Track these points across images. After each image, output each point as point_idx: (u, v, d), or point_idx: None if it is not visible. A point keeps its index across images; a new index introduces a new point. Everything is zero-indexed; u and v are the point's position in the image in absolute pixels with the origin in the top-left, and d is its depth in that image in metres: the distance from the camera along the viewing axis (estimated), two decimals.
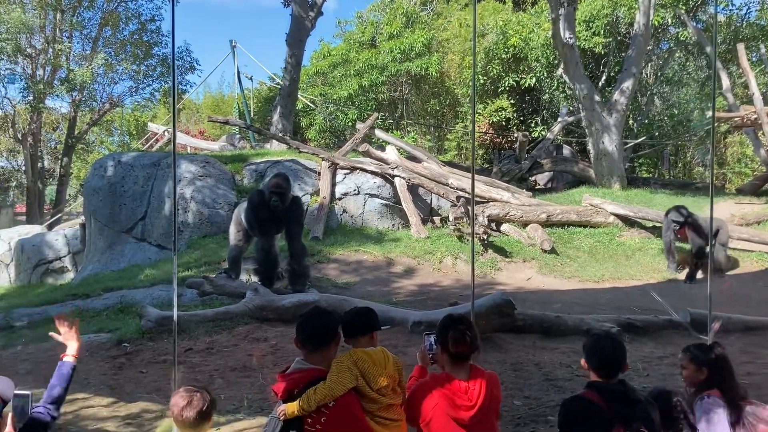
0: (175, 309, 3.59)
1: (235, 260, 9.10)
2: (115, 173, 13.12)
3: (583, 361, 3.02)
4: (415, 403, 3.02)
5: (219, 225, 12.02)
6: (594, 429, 2.81)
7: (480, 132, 21.01)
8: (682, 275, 10.29)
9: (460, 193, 12.10)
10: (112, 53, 25.51)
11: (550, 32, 15.83)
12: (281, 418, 2.85)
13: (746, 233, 11.01)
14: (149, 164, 13.13)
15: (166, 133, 18.89)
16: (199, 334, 7.02)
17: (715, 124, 17.36)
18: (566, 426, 2.90)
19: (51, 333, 3.19)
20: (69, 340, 3.13)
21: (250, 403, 5.23)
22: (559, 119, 18.92)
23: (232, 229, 9.32)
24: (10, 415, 2.66)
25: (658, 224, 11.64)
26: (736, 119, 14.28)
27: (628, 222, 12.08)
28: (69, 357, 3.07)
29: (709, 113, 15.20)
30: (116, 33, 25.84)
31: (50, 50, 24.63)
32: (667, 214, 10.57)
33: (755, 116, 13.51)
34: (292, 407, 2.83)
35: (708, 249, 9.99)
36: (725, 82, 15.57)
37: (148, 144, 25.48)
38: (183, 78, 25.98)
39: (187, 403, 2.76)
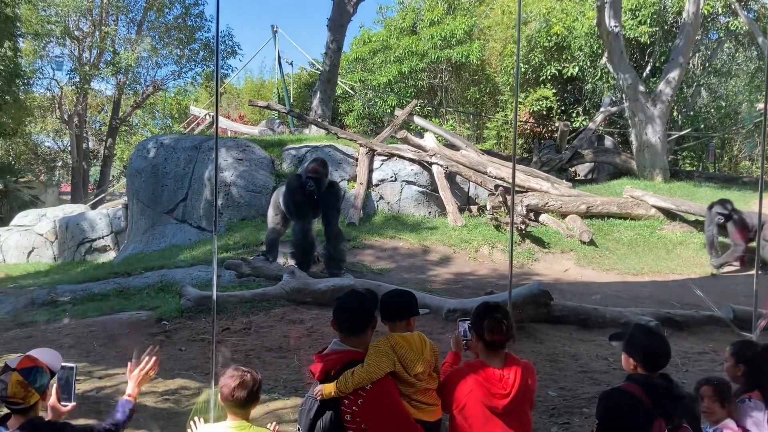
0: (214, 289, 3.64)
1: (273, 243, 9.20)
2: (157, 155, 13.36)
3: (625, 359, 2.96)
4: (449, 390, 3.02)
5: (258, 208, 12.15)
6: (635, 423, 2.77)
7: (521, 121, 20.76)
8: (724, 271, 10.07)
9: (499, 182, 12.00)
10: (157, 37, 25.90)
11: (595, 20, 15.51)
12: (318, 398, 2.88)
13: None
14: (190, 147, 13.32)
15: (207, 117, 19.14)
16: (237, 315, 7.14)
17: (766, 117, 16.85)
18: (606, 419, 2.85)
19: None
20: (134, 384, 2.91)
21: (285, 384, 5.30)
22: (602, 109, 18.57)
23: (270, 213, 9.42)
24: (54, 386, 2.73)
25: (700, 218, 11.37)
26: None
27: (670, 215, 11.83)
28: (128, 397, 2.88)
29: (760, 105, 14.75)
30: (161, 17, 26.21)
31: (96, 33, 25.12)
32: (710, 207, 10.35)
33: None
34: (329, 388, 2.85)
35: (755, 245, 9.83)
36: None
37: (190, 127, 25.85)
38: (224, 63, 26.31)
39: (239, 383, 2.80)
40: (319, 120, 15.69)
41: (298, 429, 2.98)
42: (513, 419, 2.99)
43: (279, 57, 23.06)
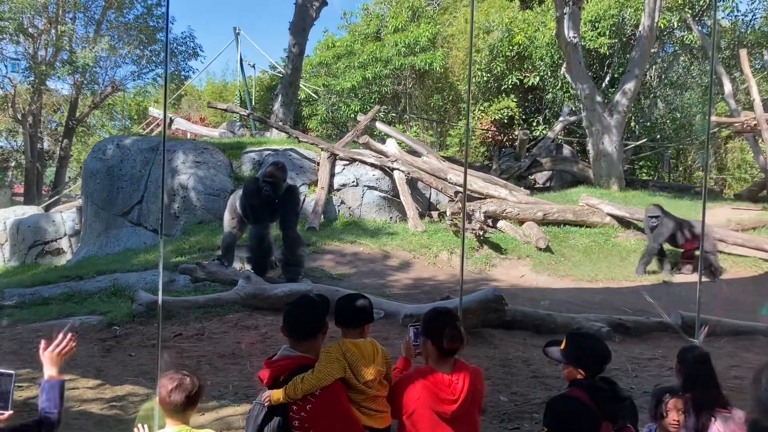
0: (160, 293, 3.57)
1: (229, 248, 9.09)
2: (113, 157, 13.11)
3: (566, 370, 3.00)
4: (398, 396, 3.01)
5: (215, 212, 12.00)
6: (583, 427, 2.80)
7: (482, 129, 20.97)
8: (675, 278, 10.32)
9: (459, 189, 12.09)
10: (116, 37, 25.44)
11: (555, 31, 15.78)
12: (266, 404, 2.84)
13: (741, 239, 11.01)
14: (147, 149, 13.11)
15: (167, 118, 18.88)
16: (190, 320, 7.02)
17: (716, 129, 17.37)
18: (555, 425, 2.88)
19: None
20: (49, 364, 2.69)
21: (236, 390, 5.24)
22: (561, 118, 18.88)
23: (227, 217, 9.31)
24: None
25: None
26: (736, 125, 14.27)
27: (624, 223, 12.07)
28: (49, 379, 2.66)
29: (713, 118, 15.19)
30: (120, 16, 25.76)
31: (53, 31, 24.55)
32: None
33: (755, 122, 13.50)
34: (277, 394, 2.82)
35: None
36: (728, 87, 15.54)
37: (149, 129, 25.45)
38: (185, 64, 26.00)
39: (176, 385, 2.74)
40: (280, 123, 15.60)
41: None
42: (461, 424, 3.00)
43: (241, 59, 22.89)
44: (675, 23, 19.39)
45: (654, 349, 6.77)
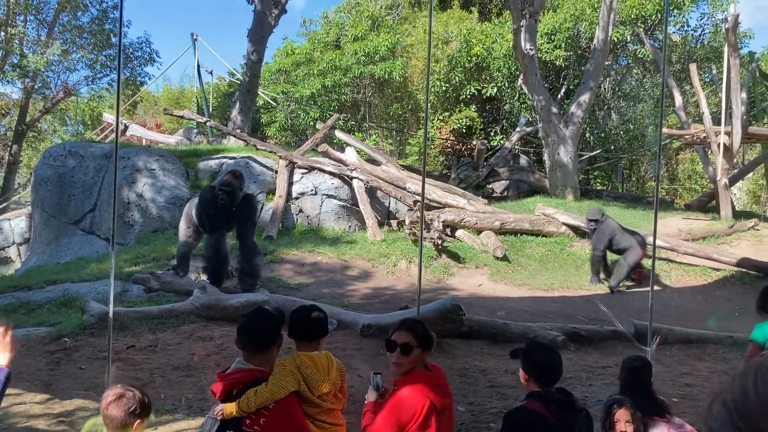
0: (111, 303, 3.48)
1: (184, 257, 8.94)
2: (65, 163, 12.78)
3: (522, 375, 3.02)
4: (405, 402, 2.85)
5: (170, 220, 11.81)
6: None
7: (441, 138, 21.13)
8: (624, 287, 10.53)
9: (418, 198, 12.13)
10: (69, 40, 24.84)
11: (512, 43, 16.02)
12: (218, 418, 2.81)
13: (691, 248, 11.31)
14: (101, 155, 12.82)
15: (121, 124, 18.49)
16: (143, 332, 6.87)
17: (667, 141, 17.85)
18: None
19: None
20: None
21: (189, 403, 5.13)
22: (518, 129, 19.15)
23: (182, 225, 9.16)
24: None
25: None
26: (686, 136, 14.68)
27: (579, 233, 12.28)
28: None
29: (664, 130, 15.61)
30: (74, 19, 25.17)
31: (2, 34, 23.86)
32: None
33: (704, 135, 13.91)
34: (230, 408, 2.79)
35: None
36: (678, 100, 15.99)
37: (103, 135, 24.89)
38: (141, 70, 25.49)
39: (114, 399, 2.68)
40: (238, 131, 15.45)
41: None
42: (449, 417, 2.99)
43: (198, 66, 22.58)
44: (628, 37, 19.90)
45: (608, 358, 6.88)
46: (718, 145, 13.43)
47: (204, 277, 8.62)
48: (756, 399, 0.59)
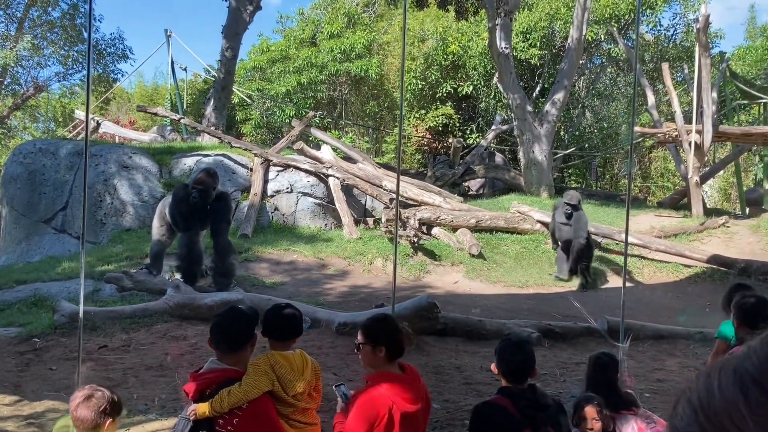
0: (81, 302, 3.44)
1: (157, 256, 8.84)
2: (35, 161, 12.56)
3: (493, 367, 3.06)
4: (366, 406, 2.82)
5: (143, 219, 11.67)
6: None
7: (417, 136, 21.17)
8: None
9: (394, 195, 12.14)
10: (39, 35, 24.41)
11: (487, 41, 16.10)
12: (191, 418, 2.78)
13: (664, 245, 11.47)
14: (73, 152, 12.63)
15: (93, 121, 18.23)
16: (116, 331, 6.78)
17: (640, 139, 18.07)
18: (478, 431, 2.93)
19: None
20: None
21: (163, 403, 5.08)
22: (493, 127, 19.27)
23: (156, 224, 9.06)
24: None
25: None
26: (658, 135, 14.87)
27: None
28: None
29: (637, 128, 15.80)
30: (44, 14, 24.74)
31: None
32: (555, 207, 10.89)
33: (676, 133, 14.10)
34: (203, 408, 2.76)
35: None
36: (651, 99, 16.20)
37: (75, 132, 24.51)
38: (114, 66, 25.15)
39: (83, 400, 2.65)
40: (212, 128, 15.31)
41: None
42: (423, 421, 2.98)
43: (172, 62, 22.32)
44: (602, 36, 20.11)
45: (582, 354, 6.94)
46: (690, 144, 13.64)
47: (178, 276, 8.52)
48: (720, 399, 0.59)
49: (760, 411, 0.57)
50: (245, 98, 23.02)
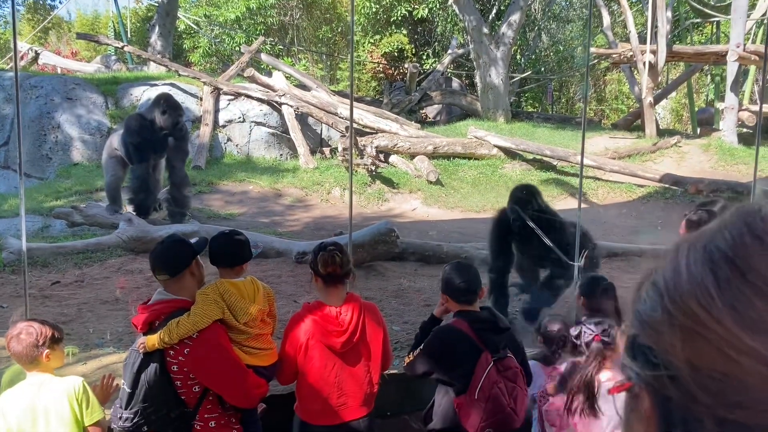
0: (23, 239, 3.30)
1: (116, 191, 8.54)
2: None
3: (442, 296, 3.08)
4: (291, 334, 3.01)
5: (91, 152, 11.29)
6: (463, 356, 2.90)
7: (372, 63, 20.74)
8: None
9: (349, 123, 11.94)
10: None
11: None
12: (141, 351, 2.73)
13: (618, 166, 11.63)
14: (10, 85, 11.99)
15: (31, 51, 17.29)
16: (68, 267, 6.65)
17: (595, 61, 18.05)
18: (438, 353, 2.97)
19: None
20: None
21: (119, 336, 5.02)
22: (449, 51, 18.96)
23: (106, 158, 8.74)
24: None
25: (538, 157, 12.08)
26: (613, 56, 14.86)
27: (510, 154, 12.43)
28: None
29: (592, 50, 15.74)
30: None
31: None
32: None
33: (631, 53, 14.11)
34: (152, 340, 2.71)
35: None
36: (606, 19, 16.09)
37: (12, 63, 23.31)
38: None
39: (14, 336, 2.65)
40: (158, 56, 14.70)
41: (123, 383, 2.83)
42: (354, 358, 3.01)
43: None
44: None
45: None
46: (644, 64, 13.67)
47: (130, 209, 8.31)
48: (688, 279, 0.53)
49: (729, 291, 0.52)
50: (192, 25, 22.10)
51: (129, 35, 21.94)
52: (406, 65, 18.21)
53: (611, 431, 2.88)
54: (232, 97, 12.67)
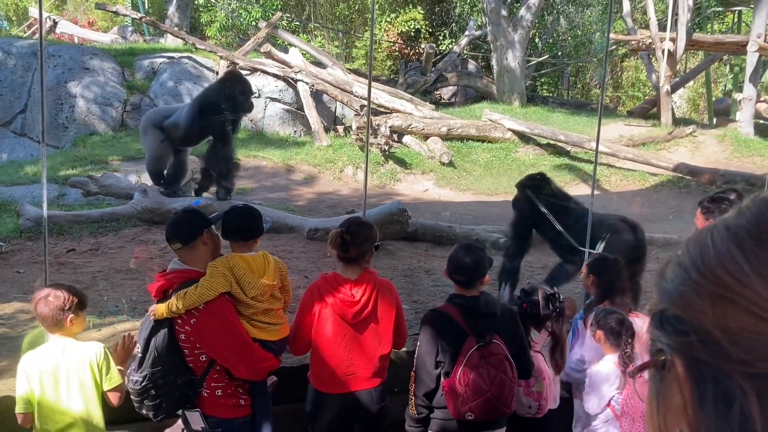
0: (44, 206, 3.37)
1: (169, 173, 7.92)
2: None
3: (445, 272, 3.12)
4: (305, 302, 3.10)
5: (107, 122, 11.36)
6: (449, 340, 2.96)
7: (388, 42, 20.61)
8: None
9: (364, 102, 11.94)
10: None
11: None
12: (151, 317, 2.80)
13: (632, 153, 11.58)
14: (29, 53, 12.08)
15: (49, 20, 17.32)
16: (83, 236, 6.75)
17: (614, 47, 17.89)
18: (426, 336, 3.03)
19: None
20: None
21: (133, 305, 5.11)
22: (467, 33, 18.81)
23: (152, 140, 7.78)
24: None
25: (552, 142, 12.04)
26: (632, 42, 14.71)
27: (524, 138, 12.40)
28: None
29: (611, 35, 15.57)
30: None
31: None
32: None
33: (650, 41, 13.96)
34: (162, 308, 2.77)
35: None
36: (626, 6, 15.90)
37: (30, 31, 23.35)
38: None
39: (42, 298, 2.72)
40: (175, 29, 14.71)
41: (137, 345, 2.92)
42: (364, 331, 3.07)
43: None
44: None
45: (548, 258, 7.11)
46: (663, 51, 13.53)
47: (151, 182, 8.25)
48: (715, 254, 0.61)
49: (757, 260, 0.59)
50: None
51: (146, 7, 21.92)
52: (422, 45, 18.10)
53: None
54: (248, 72, 12.66)
